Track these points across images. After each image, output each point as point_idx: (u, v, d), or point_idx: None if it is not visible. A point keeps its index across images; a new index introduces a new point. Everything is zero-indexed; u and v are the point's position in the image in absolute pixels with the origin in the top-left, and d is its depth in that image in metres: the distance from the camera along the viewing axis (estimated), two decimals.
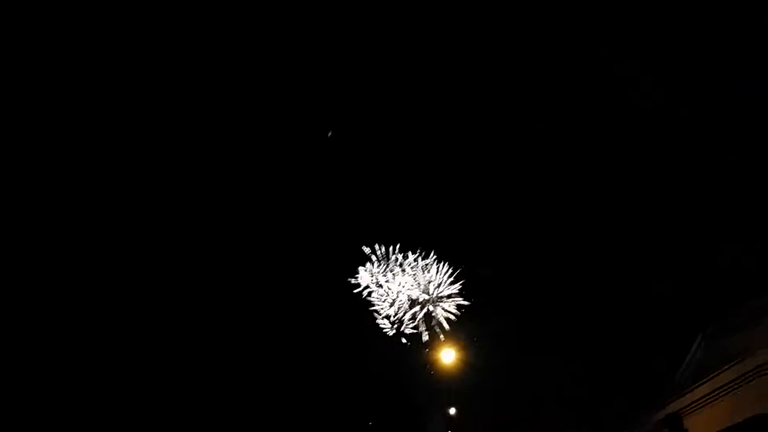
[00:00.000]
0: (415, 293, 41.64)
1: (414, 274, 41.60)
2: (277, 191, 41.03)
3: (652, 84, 35.47)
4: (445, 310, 41.67)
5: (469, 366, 39.01)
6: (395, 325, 41.49)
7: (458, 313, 41.61)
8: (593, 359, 34.76)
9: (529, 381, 37.03)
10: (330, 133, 39.97)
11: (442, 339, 41.07)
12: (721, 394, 22.84)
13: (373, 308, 41.57)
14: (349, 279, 41.73)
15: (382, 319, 41.68)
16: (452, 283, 41.60)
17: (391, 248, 41.75)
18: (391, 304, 41.56)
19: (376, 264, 41.80)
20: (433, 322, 41.83)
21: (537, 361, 36.53)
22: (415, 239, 41.31)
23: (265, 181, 40.73)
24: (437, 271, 41.69)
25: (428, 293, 41.56)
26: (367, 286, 41.81)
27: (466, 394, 39.75)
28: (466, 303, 41.46)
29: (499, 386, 38.20)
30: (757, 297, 23.44)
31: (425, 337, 41.67)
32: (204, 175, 39.88)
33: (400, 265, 41.78)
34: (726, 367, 22.55)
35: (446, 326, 41.53)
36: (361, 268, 42.03)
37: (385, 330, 41.44)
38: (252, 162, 40.30)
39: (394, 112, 40.66)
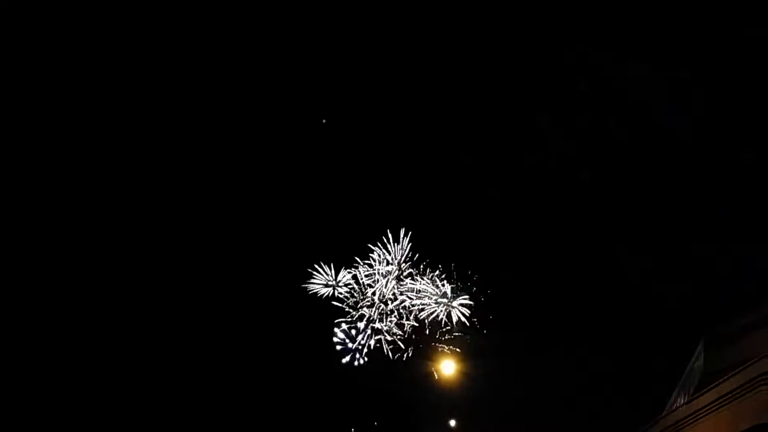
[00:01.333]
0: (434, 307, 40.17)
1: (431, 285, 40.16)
2: (274, 189, 40.51)
3: (653, 84, 35.16)
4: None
5: (470, 377, 38.48)
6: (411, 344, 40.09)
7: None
8: (594, 368, 34.31)
9: (529, 392, 36.56)
10: (324, 121, 39.43)
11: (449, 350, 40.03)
12: (724, 403, 22.16)
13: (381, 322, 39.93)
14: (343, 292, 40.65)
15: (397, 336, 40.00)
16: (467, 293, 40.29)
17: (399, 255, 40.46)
18: (401, 325, 40.07)
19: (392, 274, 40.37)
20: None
21: (538, 371, 36.10)
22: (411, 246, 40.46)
23: (260, 177, 40.25)
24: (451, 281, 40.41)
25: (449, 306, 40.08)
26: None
27: (467, 405, 39.17)
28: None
29: (500, 397, 37.68)
30: (760, 302, 22.91)
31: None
32: (194, 171, 39.52)
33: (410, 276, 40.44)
34: (728, 375, 21.94)
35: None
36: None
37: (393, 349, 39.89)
38: (243, 155, 39.90)
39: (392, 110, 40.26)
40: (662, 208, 35.51)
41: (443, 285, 39.55)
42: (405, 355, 39.05)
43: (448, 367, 38.26)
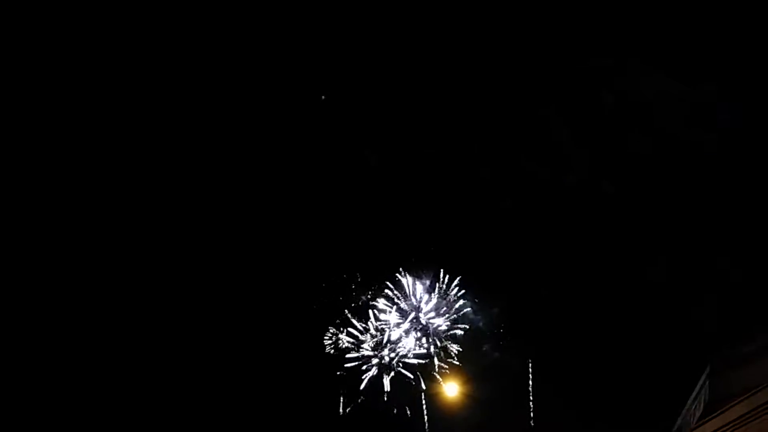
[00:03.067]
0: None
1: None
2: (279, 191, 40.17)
3: (677, 96, 35.04)
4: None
5: (473, 400, 38.14)
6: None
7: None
8: (597, 394, 34.03)
9: (533, 417, 36.23)
10: (323, 97, 39.10)
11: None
12: (728, 430, 21.96)
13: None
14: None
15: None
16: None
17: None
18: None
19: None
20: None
21: (540, 396, 35.85)
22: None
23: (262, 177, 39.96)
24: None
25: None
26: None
27: (470, 429, 38.78)
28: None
29: (502, 422, 37.28)
30: (763, 329, 22.77)
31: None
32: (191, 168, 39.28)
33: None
34: (734, 402, 21.79)
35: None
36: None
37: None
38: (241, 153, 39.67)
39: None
40: (682, 225, 35.25)
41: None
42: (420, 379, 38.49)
43: (451, 389, 37.94)
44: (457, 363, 38.29)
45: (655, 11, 35.91)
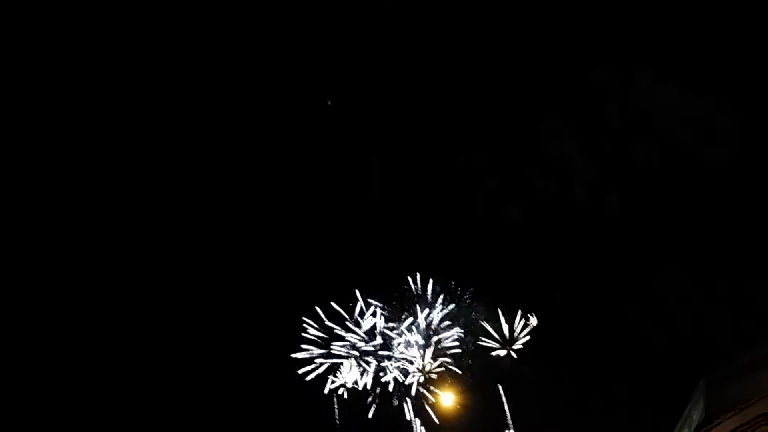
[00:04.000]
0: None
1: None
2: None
3: (682, 108, 35.06)
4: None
5: (469, 410, 38.01)
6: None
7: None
8: (593, 409, 33.96)
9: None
10: (329, 102, 39.15)
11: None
12: None
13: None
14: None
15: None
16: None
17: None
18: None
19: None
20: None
21: (534, 410, 35.73)
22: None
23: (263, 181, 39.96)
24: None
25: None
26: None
27: None
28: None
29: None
30: (760, 342, 22.74)
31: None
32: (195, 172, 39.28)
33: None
34: (727, 416, 21.74)
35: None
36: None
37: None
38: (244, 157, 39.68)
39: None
40: (683, 239, 35.24)
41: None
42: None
43: (447, 399, 37.79)
44: (467, 374, 38.22)
45: (660, 24, 36.03)
